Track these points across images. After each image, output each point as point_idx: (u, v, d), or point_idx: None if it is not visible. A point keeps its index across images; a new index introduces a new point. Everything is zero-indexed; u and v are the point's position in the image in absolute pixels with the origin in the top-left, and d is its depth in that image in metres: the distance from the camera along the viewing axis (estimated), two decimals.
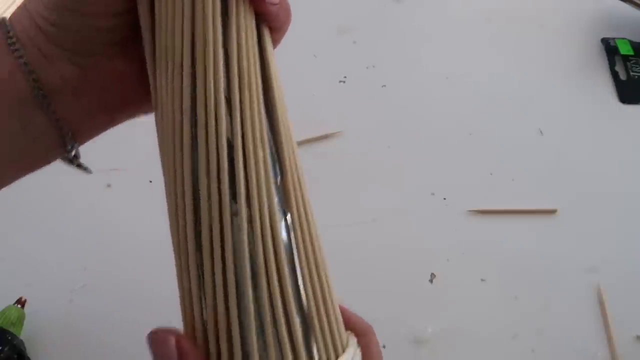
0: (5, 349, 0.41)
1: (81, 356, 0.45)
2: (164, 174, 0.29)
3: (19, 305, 0.44)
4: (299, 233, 0.28)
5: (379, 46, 0.66)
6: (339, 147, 0.57)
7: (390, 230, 0.51)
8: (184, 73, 0.27)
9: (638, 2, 0.66)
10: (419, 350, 0.45)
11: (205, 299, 0.27)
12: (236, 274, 0.27)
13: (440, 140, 0.58)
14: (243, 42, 0.28)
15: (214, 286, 0.27)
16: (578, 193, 0.54)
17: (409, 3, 0.70)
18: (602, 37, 0.67)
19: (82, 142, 0.32)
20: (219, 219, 0.26)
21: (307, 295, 0.28)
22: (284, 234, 0.28)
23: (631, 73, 0.63)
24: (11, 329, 0.43)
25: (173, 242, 0.29)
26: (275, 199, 0.28)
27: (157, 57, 0.28)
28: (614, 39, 0.66)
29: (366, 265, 0.49)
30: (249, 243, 0.27)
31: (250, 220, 0.27)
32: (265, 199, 0.27)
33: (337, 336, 0.29)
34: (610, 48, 0.66)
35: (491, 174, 0.55)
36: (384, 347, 0.45)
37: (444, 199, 0.54)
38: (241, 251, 0.26)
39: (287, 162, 0.29)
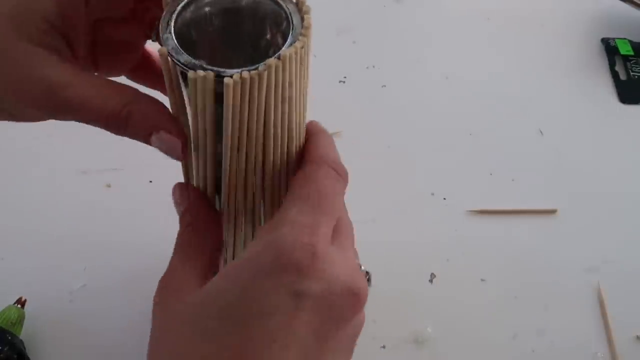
0: (5, 349, 0.41)
1: (81, 356, 0.45)
2: None
3: (19, 305, 0.44)
4: None
5: (379, 46, 0.66)
6: (338, 147, 0.57)
7: (390, 230, 0.51)
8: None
9: (638, 2, 0.66)
10: (419, 350, 0.45)
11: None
12: None
13: (440, 141, 0.58)
14: None
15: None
16: (578, 193, 0.54)
17: (409, 3, 0.70)
18: (602, 37, 0.67)
19: None
20: None
21: None
22: None
23: (631, 73, 0.63)
24: (11, 329, 0.43)
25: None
26: None
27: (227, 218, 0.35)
28: (614, 39, 0.66)
29: (366, 265, 0.49)
30: None
31: None
32: None
33: None
34: (610, 48, 0.66)
35: (491, 174, 0.55)
36: (383, 347, 0.45)
37: (444, 199, 0.54)
38: None
39: None
